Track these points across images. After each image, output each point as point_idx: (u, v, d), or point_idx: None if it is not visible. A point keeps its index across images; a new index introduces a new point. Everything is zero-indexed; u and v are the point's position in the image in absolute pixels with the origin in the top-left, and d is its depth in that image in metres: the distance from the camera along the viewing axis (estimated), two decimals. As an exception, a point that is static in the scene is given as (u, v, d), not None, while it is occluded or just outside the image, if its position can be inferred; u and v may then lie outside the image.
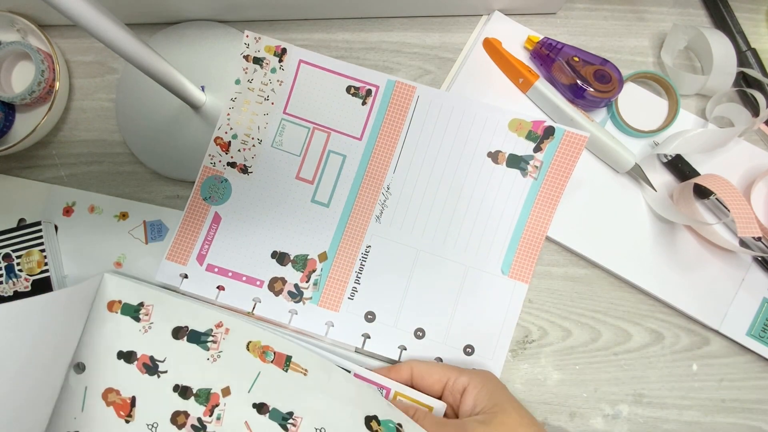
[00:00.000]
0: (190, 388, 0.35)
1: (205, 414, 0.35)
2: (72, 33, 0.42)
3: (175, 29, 0.40)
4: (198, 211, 0.38)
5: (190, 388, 0.35)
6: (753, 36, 0.40)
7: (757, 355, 0.37)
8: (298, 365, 0.34)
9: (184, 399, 0.35)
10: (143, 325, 0.36)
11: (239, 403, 0.35)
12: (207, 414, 0.35)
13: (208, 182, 0.38)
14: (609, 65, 0.37)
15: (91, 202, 0.40)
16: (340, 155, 0.38)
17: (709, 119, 0.39)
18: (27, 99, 0.38)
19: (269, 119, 0.38)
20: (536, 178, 0.37)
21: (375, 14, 0.41)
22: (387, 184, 0.38)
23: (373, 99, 0.38)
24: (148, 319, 0.36)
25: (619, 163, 0.37)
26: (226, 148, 0.38)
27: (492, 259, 0.37)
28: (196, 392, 0.35)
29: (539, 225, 0.37)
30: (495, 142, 0.37)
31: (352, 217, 0.38)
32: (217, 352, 0.35)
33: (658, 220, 0.38)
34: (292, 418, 0.34)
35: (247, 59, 0.38)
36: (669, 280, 0.37)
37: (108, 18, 0.25)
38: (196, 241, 0.38)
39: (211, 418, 0.35)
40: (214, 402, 0.35)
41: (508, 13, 0.40)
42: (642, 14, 0.41)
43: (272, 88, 0.38)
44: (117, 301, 0.36)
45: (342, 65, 0.38)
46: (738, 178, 0.38)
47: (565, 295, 0.38)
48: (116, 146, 0.41)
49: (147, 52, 0.29)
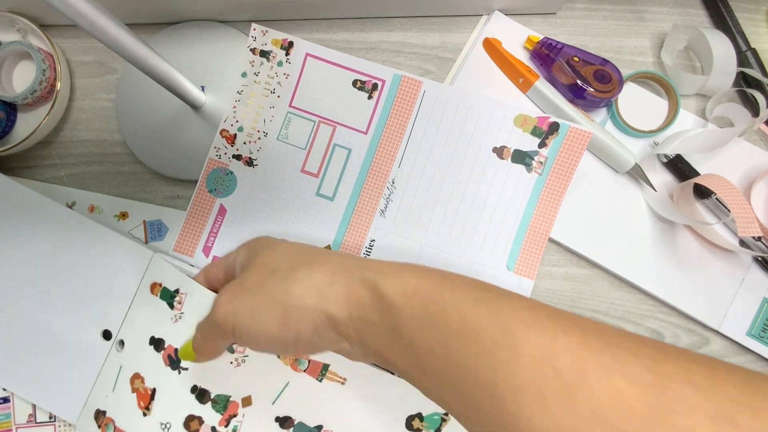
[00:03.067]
0: (208, 392, 0.33)
1: (220, 424, 0.32)
2: (72, 33, 0.42)
3: (175, 29, 0.40)
4: (204, 203, 0.38)
5: (208, 392, 0.33)
6: (753, 36, 0.40)
7: (757, 355, 0.37)
8: (335, 374, 0.32)
9: (201, 403, 0.33)
10: (175, 314, 0.33)
11: (260, 415, 0.32)
12: (223, 424, 0.32)
13: (213, 174, 0.38)
14: (609, 65, 0.37)
15: (91, 202, 0.40)
16: (345, 149, 0.38)
17: (709, 119, 0.39)
18: (29, 98, 0.38)
19: (275, 112, 0.39)
20: (541, 173, 0.37)
21: (375, 14, 0.41)
22: (392, 178, 0.38)
23: (379, 93, 0.38)
24: (180, 308, 0.33)
25: (619, 163, 0.37)
26: (231, 140, 0.38)
27: (497, 254, 0.37)
28: (214, 398, 0.33)
29: (544, 221, 0.37)
30: (500, 137, 0.37)
31: (357, 211, 0.38)
32: (243, 355, 0.33)
33: (658, 220, 0.38)
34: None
35: (254, 52, 0.38)
36: (669, 280, 0.37)
37: (108, 18, 0.25)
38: (202, 233, 0.38)
39: (226, 429, 0.32)
40: (232, 411, 0.32)
41: (508, 13, 0.40)
42: (642, 14, 0.41)
43: (278, 81, 0.38)
44: (158, 283, 0.35)
45: (348, 59, 0.38)
46: (738, 178, 0.38)
47: (565, 295, 0.38)
48: (116, 146, 0.41)
49: (147, 52, 0.29)
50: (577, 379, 0.17)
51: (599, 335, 0.19)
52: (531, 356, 0.18)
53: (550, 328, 0.19)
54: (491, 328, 0.20)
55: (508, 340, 0.19)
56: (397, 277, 0.22)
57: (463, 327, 0.20)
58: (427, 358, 0.21)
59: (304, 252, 0.26)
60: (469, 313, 0.20)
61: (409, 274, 0.23)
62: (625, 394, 0.17)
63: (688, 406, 0.16)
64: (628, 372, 0.17)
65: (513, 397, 0.18)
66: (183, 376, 0.33)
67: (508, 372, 0.19)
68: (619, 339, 0.18)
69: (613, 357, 0.18)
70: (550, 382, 0.18)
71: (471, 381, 0.20)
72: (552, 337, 0.19)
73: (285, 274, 0.25)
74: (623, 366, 0.17)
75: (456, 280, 0.23)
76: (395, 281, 0.22)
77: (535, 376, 0.18)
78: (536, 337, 0.19)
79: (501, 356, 0.19)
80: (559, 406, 0.17)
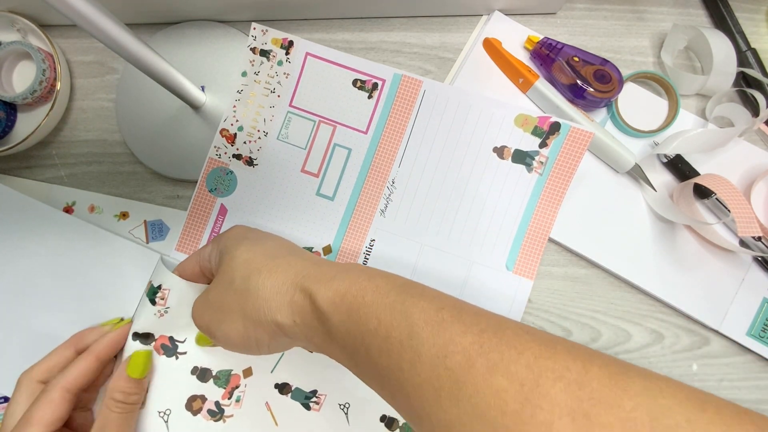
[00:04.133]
0: (209, 370, 0.34)
1: (223, 397, 0.34)
2: (72, 33, 0.42)
3: (175, 29, 0.40)
4: (204, 202, 0.38)
5: (209, 370, 0.34)
6: (753, 36, 0.40)
7: (757, 355, 0.37)
8: None
9: (203, 382, 0.34)
10: (158, 309, 0.34)
11: (261, 383, 0.35)
12: (226, 397, 0.34)
13: (213, 174, 0.38)
14: (609, 65, 0.37)
15: (91, 202, 0.40)
16: (345, 149, 0.38)
17: (709, 119, 0.39)
18: (29, 98, 0.38)
19: (275, 112, 0.39)
20: (541, 173, 0.37)
21: (375, 14, 0.41)
22: (392, 178, 0.38)
23: (379, 93, 0.38)
24: (164, 303, 0.34)
25: (619, 163, 0.37)
26: (231, 140, 0.38)
27: (497, 254, 0.37)
28: (216, 374, 0.35)
29: (544, 221, 0.37)
30: (501, 137, 0.37)
31: (357, 211, 0.38)
32: None
33: (658, 220, 0.38)
34: (315, 397, 0.35)
35: (254, 51, 0.38)
36: (669, 280, 0.37)
37: (108, 18, 0.25)
38: (204, 232, 0.38)
39: (229, 401, 0.34)
40: (234, 384, 0.35)
41: (508, 13, 0.40)
42: (642, 14, 0.41)
43: (278, 80, 0.38)
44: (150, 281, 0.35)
45: (349, 58, 0.38)
46: (738, 178, 0.38)
47: (565, 295, 0.38)
48: (116, 146, 0.41)
49: (147, 52, 0.29)
50: (465, 378, 0.19)
51: (494, 333, 0.20)
52: (429, 356, 0.20)
53: (449, 329, 0.21)
54: (400, 330, 0.22)
55: (413, 341, 0.21)
56: (330, 285, 0.25)
57: (379, 329, 0.22)
58: (355, 357, 0.24)
59: (258, 258, 0.28)
60: (384, 316, 0.22)
61: (339, 280, 0.25)
62: (503, 392, 0.18)
63: (552, 402, 0.17)
64: (510, 370, 0.19)
65: (416, 394, 0.21)
66: (181, 360, 0.34)
67: (411, 371, 0.21)
68: (511, 336, 0.20)
69: (500, 355, 0.19)
70: (443, 381, 0.20)
71: (386, 378, 0.22)
72: (449, 337, 0.21)
73: (239, 286, 0.27)
74: (506, 364, 0.19)
75: (381, 281, 0.24)
76: (327, 289, 0.24)
77: (432, 375, 0.20)
78: (436, 338, 0.21)
79: (406, 356, 0.21)
80: (450, 402, 0.19)
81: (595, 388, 0.17)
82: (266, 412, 0.34)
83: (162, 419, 0.33)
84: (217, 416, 0.34)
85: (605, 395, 0.17)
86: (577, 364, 0.18)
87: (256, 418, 0.34)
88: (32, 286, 0.37)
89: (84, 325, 0.37)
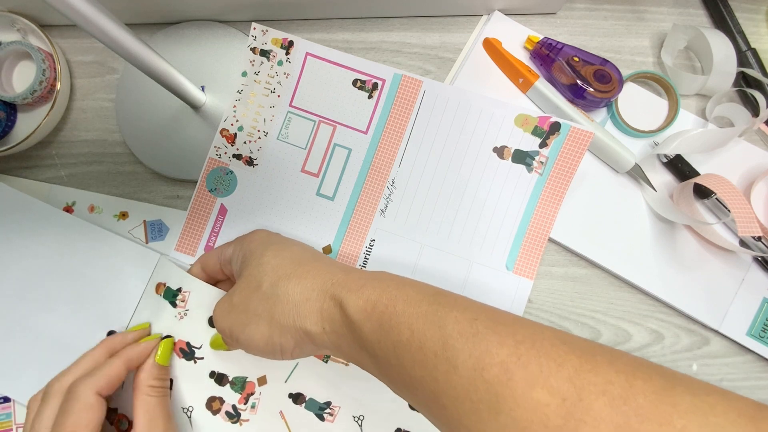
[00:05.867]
0: (226, 376, 0.35)
1: (240, 402, 0.35)
2: (72, 33, 0.42)
3: (175, 29, 0.40)
4: (204, 202, 0.38)
5: (226, 375, 0.35)
6: (753, 36, 0.40)
7: (757, 355, 0.37)
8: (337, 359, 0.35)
9: (220, 386, 0.35)
10: (179, 311, 0.35)
11: (275, 392, 0.35)
12: (242, 402, 0.35)
13: (213, 174, 0.38)
14: (609, 65, 0.37)
15: (91, 202, 0.40)
16: (345, 149, 0.38)
17: (709, 119, 0.39)
18: (29, 98, 0.38)
19: (275, 112, 0.39)
20: (541, 173, 0.37)
21: (375, 14, 0.41)
22: (392, 178, 0.38)
23: (379, 93, 0.38)
24: (184, 305, 0.35)
25: (619, 163, 0.37)
26: (231, 140, 0.38)
27: (497, 254, 0.37)
28: (232, 380, 0.35)
29: (544, 221, 0.37)
30: (501, 137, 0.37)
31: (357, 211, 0.38)
32: None
33: (658, 220, 0.38)
34: (329, 408, 0.35)
35: (254, 51, 0.38)
36: (669, 280, 0.37)
37: (108, 18, 0.25)
38: (204, 233, 0.38)
39: (245, 406, 0.35)
40: (250, 390, 0.35)
41: (508, 13, 0.40)
42: (642, 14, 0.41)
43: (279, 80, 0.38)
44: (163, 283, 0.36)
45: (349, 58, 0.38)
46: (738, 178, 0.38)
47: (565, 295, 0.38)
48: (116, 146, 0.41)
49: (147, 52, 0.29)
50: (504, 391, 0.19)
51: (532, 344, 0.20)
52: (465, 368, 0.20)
53: (485, 340, 0.21)
54: (434, 340, 0.21)
55: (448, 353, 0.21)
56: (360, 293, 0.25)
57: (412, 340, 0.22)
58: (386, 366, 0.24)
59: (286, 264, 0.28)
60: (417, 327, 0.22)
61: (370, 288, 0.25)
62: (544, 406, 0.18)
63: (597, 418, 0.17)
64: (550, 384, 0.18)
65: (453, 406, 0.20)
66: (199, 364, 0.35)
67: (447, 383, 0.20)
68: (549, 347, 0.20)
69: (539, 368, 0.19)
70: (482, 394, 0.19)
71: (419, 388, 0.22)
72: (486, 348, 0.20)
73: (267, 291, 0.27)
74: (546, 377, 0.19)
75: (411, 291, 0.24)
76: (357, 297, 0.24)
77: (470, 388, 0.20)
78: (472, 349, 0.20)
79: (441, 368, 0.21)
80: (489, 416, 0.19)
81: (641, 404, 0.17)
82: (280, 420, 0.35)
83: (186, 414, 0.34)
84: (234, 419, 0.35)
85: (653, 412, 0.17)
86: (620, 378, 0.18)
87: (270, 425, 0.35)
88: (32, 285, 0.38)
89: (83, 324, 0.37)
